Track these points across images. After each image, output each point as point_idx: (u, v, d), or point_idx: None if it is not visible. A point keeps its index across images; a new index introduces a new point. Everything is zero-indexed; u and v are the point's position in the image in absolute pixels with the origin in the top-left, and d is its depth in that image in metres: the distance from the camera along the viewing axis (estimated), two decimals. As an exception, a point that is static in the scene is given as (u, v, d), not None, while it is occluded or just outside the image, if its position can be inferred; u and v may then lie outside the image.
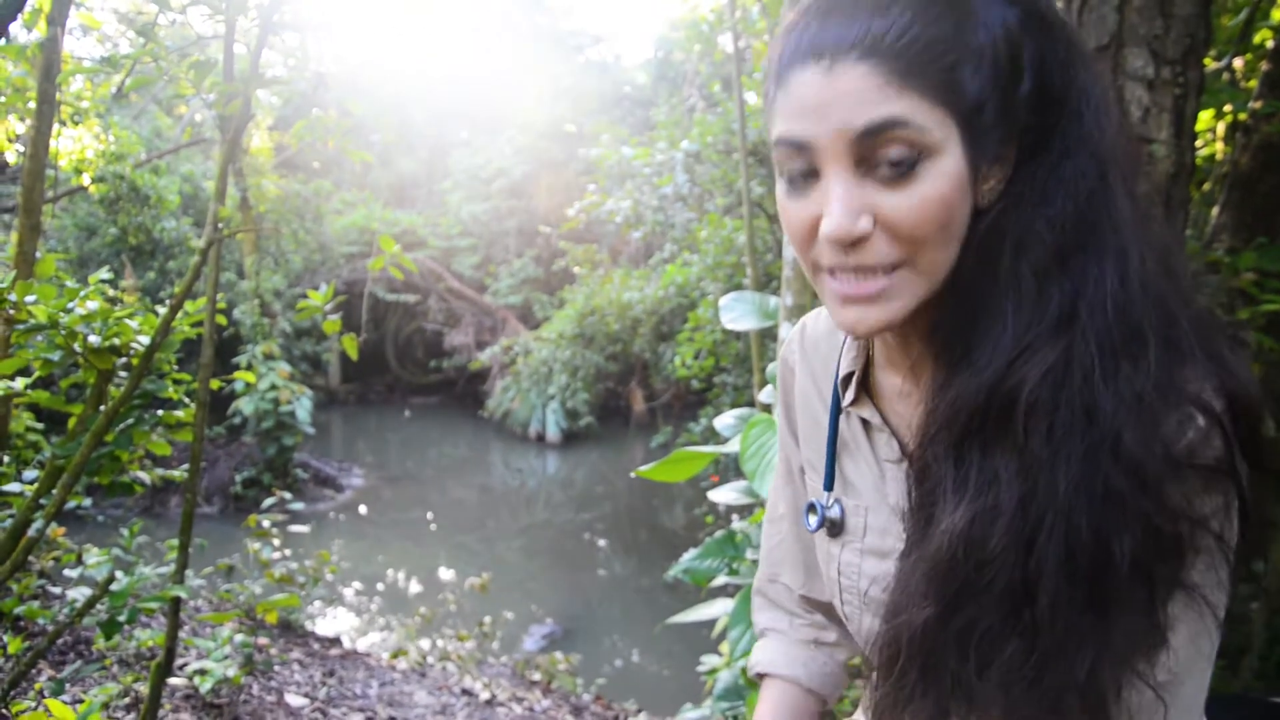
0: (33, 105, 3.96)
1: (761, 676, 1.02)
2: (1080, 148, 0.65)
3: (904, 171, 0.62)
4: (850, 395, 0.84)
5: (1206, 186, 3.51)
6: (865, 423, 0.83)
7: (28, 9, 4.45)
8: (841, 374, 0.85)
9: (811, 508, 0.87)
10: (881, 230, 0.64)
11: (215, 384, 2.41)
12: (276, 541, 4.38)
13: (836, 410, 0.87)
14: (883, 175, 0.63)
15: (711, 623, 2.78)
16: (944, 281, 0.67)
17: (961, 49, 0.62)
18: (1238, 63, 3.50)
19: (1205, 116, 3.38)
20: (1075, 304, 0.63)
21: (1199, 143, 3.52)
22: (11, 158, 6.30)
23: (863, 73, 0.61)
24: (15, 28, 5.67)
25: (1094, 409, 0.61)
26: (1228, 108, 3.14)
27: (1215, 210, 2.93)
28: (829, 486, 0.87)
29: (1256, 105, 2.81)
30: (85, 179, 6.98)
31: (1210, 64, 3.10)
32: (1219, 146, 3.53)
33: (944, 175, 0.62)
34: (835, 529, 0.85)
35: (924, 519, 0.69)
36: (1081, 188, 0.64)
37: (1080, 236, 0.64)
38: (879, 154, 0.62)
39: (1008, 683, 0.62)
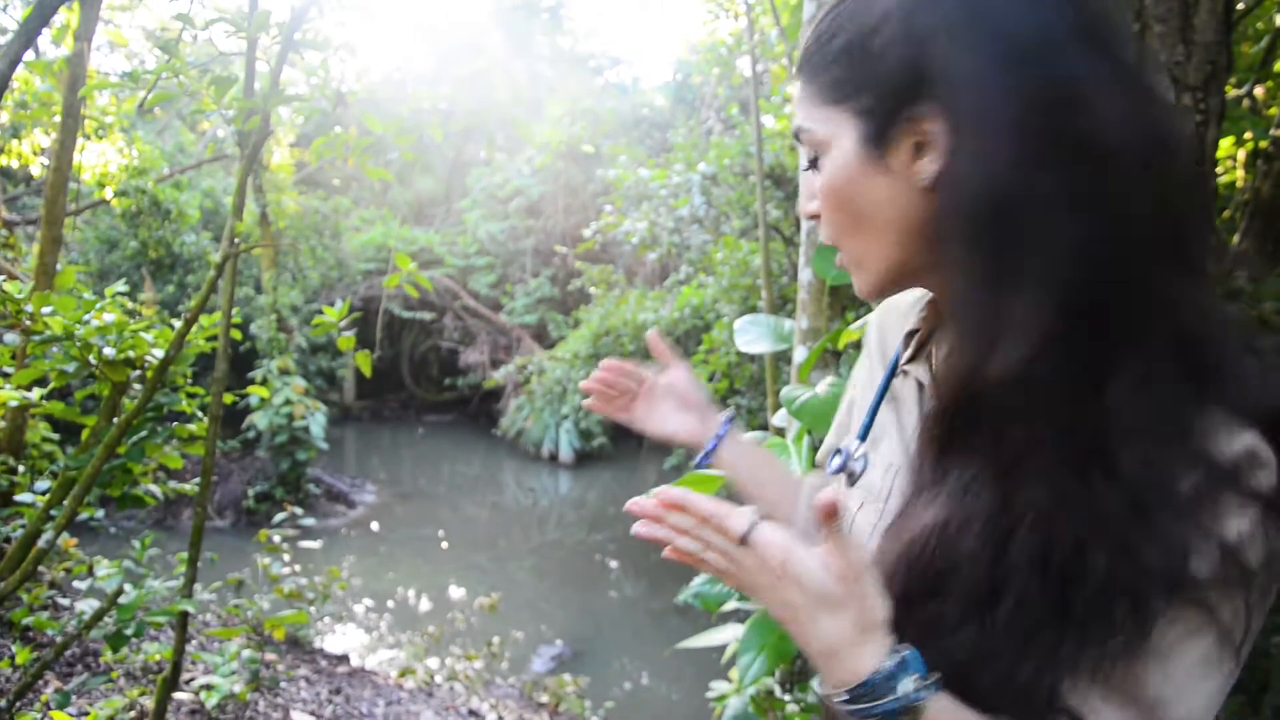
0: (58, 119, 4.01)
1: None
2: (995, 127, 0.62)
3: (815, 167, 0.75)
4: (909, 353, 0.84)
5: (1226, 214, 3.49)
6: (920, 385, 0.83)
7: (56, 24, 4.52)
8: (906, 329, 0.86)
9: (838, 451, 0.89)
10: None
11: (229, 398, 2.41)
12: (287, 556, 4.38)
13: (893, 369, 0.87)
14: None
15: (722, 648, 2.75)
16: (910, 256, 0.72)
17: (850, 29, 0.70)
18: (1259, 90, 3.48)
19: (1226, 144, 3.36)
20: (1049, 276, 0.59)
21: (1219, 170, 3.50)
22: (36, 170, 6.40)
23: (797, 88, 0.76)
24: (43, 42, 5.77)
25: (1084, 420, 0.60)
26: (1248, 135, 3.13)
27: (1235, 238, 2.91)
28: (862, 437, 0.87)
29: (1278, 133, 2.79)
30: (107, 192, 7.09)
31: (1231, 91, 3.08)
32: (1239, 174, 3.51)
33: (833, 165, 0.72)
34: (851, 479, 0.86)
35: (913, 500, 0.71)
36: (1005, 158, 0.61)
37: (1022, 206, 0.60)
38: None
39: (956, 674, 0.62)
